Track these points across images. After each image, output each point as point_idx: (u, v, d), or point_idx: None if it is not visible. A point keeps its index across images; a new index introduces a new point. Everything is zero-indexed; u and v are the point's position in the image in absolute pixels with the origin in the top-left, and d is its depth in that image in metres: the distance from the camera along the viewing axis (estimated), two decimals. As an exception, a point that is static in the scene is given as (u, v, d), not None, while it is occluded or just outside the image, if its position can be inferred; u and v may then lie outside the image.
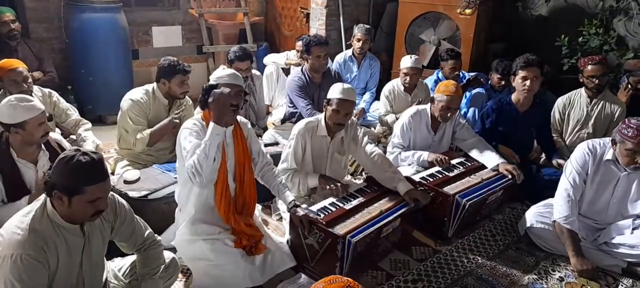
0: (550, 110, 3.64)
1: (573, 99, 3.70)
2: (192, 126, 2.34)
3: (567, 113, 3.72)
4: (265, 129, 4.13)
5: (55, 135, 2.81)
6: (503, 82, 4.03)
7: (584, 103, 3.64)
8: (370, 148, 2.93)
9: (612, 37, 4.54)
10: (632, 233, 2.64)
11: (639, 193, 2.68)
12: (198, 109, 2.51)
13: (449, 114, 3.20)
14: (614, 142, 2.61)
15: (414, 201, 2.70)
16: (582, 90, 3.64)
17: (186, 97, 3.31)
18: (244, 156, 2.47)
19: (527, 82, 3.24)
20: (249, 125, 2.63)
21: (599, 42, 4.54)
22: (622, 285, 2.58)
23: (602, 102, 3.59)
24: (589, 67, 3.51)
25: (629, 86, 3.77)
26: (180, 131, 2.37)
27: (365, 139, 2.97)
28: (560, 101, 3.76)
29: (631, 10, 4.47)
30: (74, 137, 3.29)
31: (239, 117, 2.51)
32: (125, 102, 3.15)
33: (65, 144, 2.91)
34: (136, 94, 3.17)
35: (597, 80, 3.48)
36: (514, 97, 3.42)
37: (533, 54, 3.31)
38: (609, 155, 2.67)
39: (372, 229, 2.43)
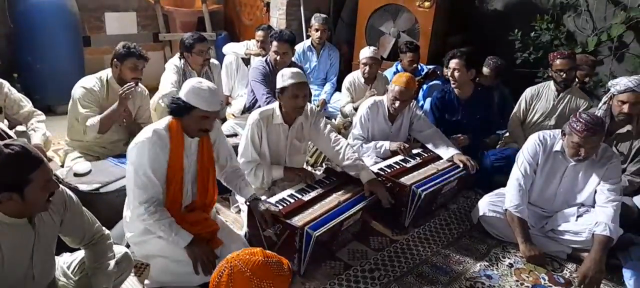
0: (492, 97, 3.77)
1: (542, 91, 3.76)
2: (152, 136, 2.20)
3: (533, 104, 3.78)
4: (224, 119, 4.06)
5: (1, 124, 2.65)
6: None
7: (551, 96, 3.71)
8: (334, 136, 2.93)
9: (562, 32, 4.73)
10: (576, 220, 2.76)
11: (584, 183, 2.80)
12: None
13: (396, 105, 3.24)
14: (563, 133, 2.71)
15: (371, 194, 2.73)
16: (551, 83, 3.72)
17: (140, 84, 3.16)
18: (209, 163, 2.41)
19: (454, 73, 3.47)
20: (222, 127, 2.55)
21: (549, 37, 4.72)
22: (566, 270, 2.71)
23: (568, 97, 3.65)
24: (558, 61, 3.61)
25: (577, 80, 3.93)
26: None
27: (328, 127, 2.96)
28: (528, 91, 3.81)
29: (580, 7, 4.66)
30: (23, 127, 3.13)
31: None
32: (77, 90, 3.02)
33: (10, 132, 2.75)
34: (88, 81, 3.05)
35: (565, 74, 3.58)
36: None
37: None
38: (558, 147, 2.78)
39: (334, 222, 2.44)
